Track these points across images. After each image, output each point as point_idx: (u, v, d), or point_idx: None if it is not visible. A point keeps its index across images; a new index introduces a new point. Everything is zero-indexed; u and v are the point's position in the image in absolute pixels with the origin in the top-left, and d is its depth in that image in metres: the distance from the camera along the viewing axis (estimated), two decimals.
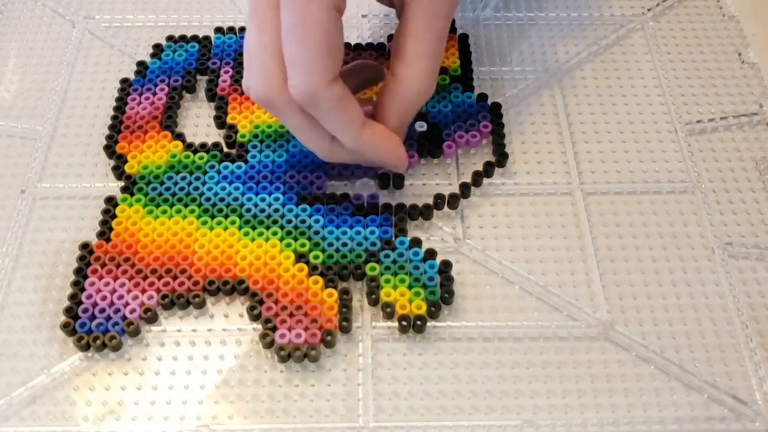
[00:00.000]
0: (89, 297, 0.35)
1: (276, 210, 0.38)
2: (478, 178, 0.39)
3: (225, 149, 0.40)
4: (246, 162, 0.39)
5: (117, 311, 0.35)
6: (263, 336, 0.34)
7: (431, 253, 0.36)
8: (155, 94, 0.42)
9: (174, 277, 0.36)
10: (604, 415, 0.33)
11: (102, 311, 0.35)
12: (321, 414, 0.33)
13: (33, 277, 0.36)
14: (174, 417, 0.32)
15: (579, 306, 0.36)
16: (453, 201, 0.38)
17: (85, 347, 0.34)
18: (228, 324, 0.35)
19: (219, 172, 0.39)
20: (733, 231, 0.38)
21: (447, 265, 0.36)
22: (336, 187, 0.39)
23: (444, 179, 0.40)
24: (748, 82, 0.44)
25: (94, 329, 0.34)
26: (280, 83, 0.33)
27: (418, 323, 0.34)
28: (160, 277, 0.35)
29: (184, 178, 0.39)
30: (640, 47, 0.45)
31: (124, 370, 0.34)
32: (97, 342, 0.34)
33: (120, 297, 0.35)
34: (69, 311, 0.34)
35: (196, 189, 0.39)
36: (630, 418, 0.33)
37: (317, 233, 0.37)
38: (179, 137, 0.41)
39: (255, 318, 0.35)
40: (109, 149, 0.40)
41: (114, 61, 0.45)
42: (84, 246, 0.37)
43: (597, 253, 0.37)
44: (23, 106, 0.43)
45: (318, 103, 0.33)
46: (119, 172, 0.39)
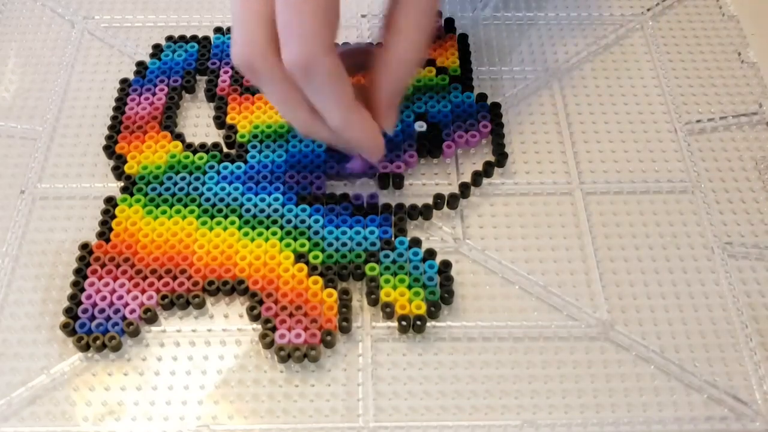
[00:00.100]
0: (89, 297, 0.35)
1: (276, 210, 0.38)
2: (477, 178, 0.39)
3: (224, 149, 0.40)
4: (245, 162, 0.39)
5: (117, 311, 0.35)
6: (263, 336, 0.34)
7: (431, 253, 0.36)
8: (155, 94, 0.42)
9: (174, 278, 0.35)
10: (604, 415, 0.33)
11: (102, 311, 0.34)
12: (321, 414, 0.33)
13: (33, 277, 0.36)
14: (174, 417, 0.32)
15: (579, 306, 0.36)
16: (453, 201, 0.38)
17: (85, 347, 0.34)
18: (228, 324, 0.35)
19: (218, 172, 0.39)
20: (733, 231, 0.38)
21: (447, 265, 0.36)
22: (336, 187, 0.39)
23: (444, 179, 0.40)
24: (747, 82, 0.44)
25: (93, 329, 0.34)
26: (264, 49, 0.32)
27: (417, 323, 0.34)
28: (159, 278, 0.35)
29: (183, 178, 0.39)
30: (639, 47, 0.45)
31: (123, 370, 0.34)
32: (97, 342, 0.34)
33: (120, 297, 0.35)
34: (69, 311, 0.34)
35: (195, 189, 0.39)
36: (630, 418, 0.33)
37: (317, 233, 0.37)
38: (179, 137, 0.41)
39: (255, 318, 0.35)
40: (109, 149, 0.40)
41: (113, 62, 0.45)
42: (84, 246, 0.37)
43: (597, 253, 0.37)
44: (23, 106, 0.43)
45: (313, 75, 0.32)
46: (119, 172, 0.39)
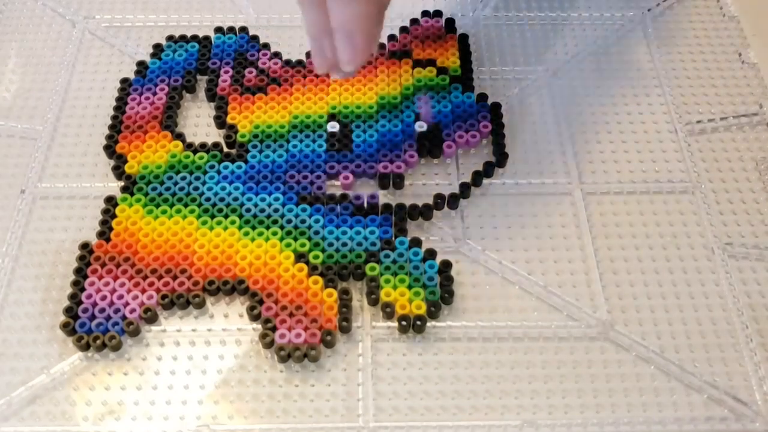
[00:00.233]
0: (89, 297, 0.35)
1: (276, 210, 0.38)
2: (478, 178, 0.39)
3: (225, 149, 0.40)
4: (246, 162, 0.39)
5: (117, 311, 0.35)
6: (263, 336, 0.34)
7: (431, 253, 0.36)
8: (155, 94, 0.42)
9: (174, 277, 0.36)
10: (604, 415, 0.33)
11: (102, 311, 0.35)
12: (321, 414, 0.33)
13: (33, 277, 0.36)
14: (174, 417, 0.32)
15: (579, 306, 0.36)
16: (453, 201, 0.38)
17: (85, 347, 0.34)
18: (228, 324, 0.35)
19: (219, 172, 0.39)
20: (733, 231, 0.38)
21: (447, 265, 0.36)
22: (336, 187, 0.39)
23: (444, 179, 0.40)
24: (748, 82, 0.44)
25: (94, 329, 0.34)
26: None
27: (417, 323, 0.34)
28: (160, 277, 0.35)
29: (184, 178, 0.39)
30: (639, 47, 0.45)
31: (123, 370, 0.34)
32: (97, 342, 0.34)
33: (120, 297, 0.35)
34: (69, 311, 0.34)
35: (196, 189, 0.39)
36: (630, 418, 0.33)
37: (317, 233, 0.37)
38: (179, 137, 0.41)
39: (255, 318, 0.35)
40: (109, 149, 0.40)
41: (114, 61, 0.45)
42: (84, 246, 0.37)
43: (597, 253, 0.37)
44: (23, 106, 0.43)
45: None
46: (119, 172, 0.39)
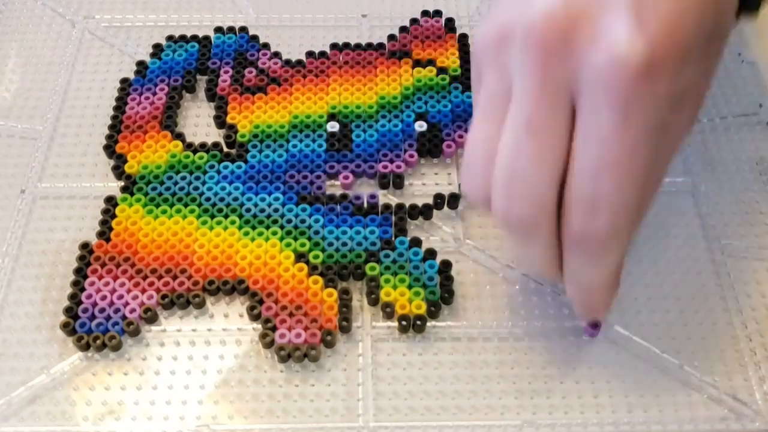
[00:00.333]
0: (89, 297, 0.35)
1: (276, 210, 0.38)
2: None
3: (225, 149, 0.40)
4: (246, 162, 0.39)
5: (117, 311, 0.35)
6: (263, 336, 0.34)
7: (431, 253, 0.36)
8: (155, 93, 0.42)
9: (174, 277, 0.36)
10: (604, 416, 0.33)
11: (102, 311, 0.35)
12: (321, 414, 0.33)
13: (33, 277, 0.36)
14: (174, 417, 0.32)
15: None
16: (453, 201, 0.38)
17: (85, 347, 0.34)
18: (228, 324, 0.35)
19: (219, 171, 0.39)
20: (733, 231, 0.38)
21: (447, 265, 0.36)
22: (336, 187, 0.39)
23: (444, 179, 0.40)
24: (747, 82, 0.44)
25: (94, 329, 0.34)
26: (553, 209, 0.28)
27: (418, 323, 0.34)
28: (160, 277, 0.35)
29: (184, 178, 0.39)
30: None
31: (124, 370, 0.34)
32: (97, 342, 0.34)
33: (120, 297, 0.35)
34: (69, 311, 0.34)
35: (196, 189, 0.39)
36: (630, 418, 0.33)
37: (317, 233, 0.37)
38: (179, 137, 0.41)
39: (255, 318, 0.35)
40: (109, 149, 0.40)
41: (114, 61, 0.45)
42: (84, 246, 0.37)
43: None
44: (23, 106, 0.43)
45: (606, 251, 0.28)
46: (119, 171, 0.39)
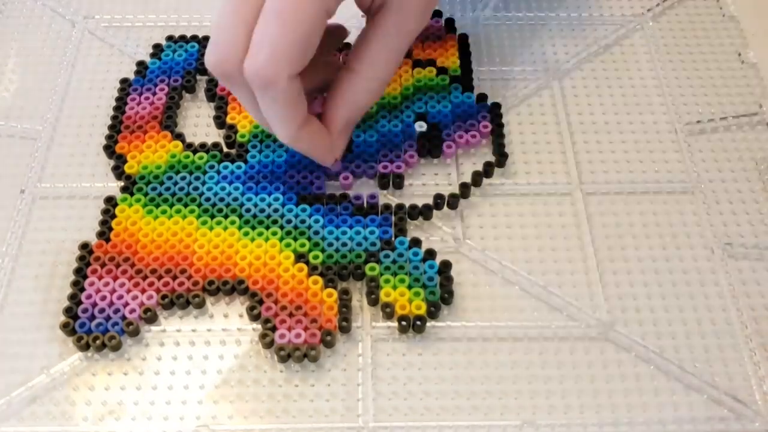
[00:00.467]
0: (89, 297, 0.35)
1: (276, 210, 0.38)
2: (477, 178, 0.39)
3: (225, 149, 0.40)
4: (246, 162, 0.39)
5: (116, 311, 0.35)
6: (263, 336, 0.34)
7: (431, 254, 0.36)
8: (155, 94, 0.42)
9: (174, 277, 0.35)
10: (603, 415, 0.33)
11: (102, 311, 0.35)
12: (320, 414, 0.33)
13: (33, 277, 0.36)
14: (173, 417, 0.32)
15: (579, 306, 0.36)
16: (453, 201, 0.38)
17: (85, 347, 0.34)
18: (227, 324, 0.35)
19: (219, 172, 0.39)
20: (733, 231, 0.38)
21: (447, 266, 0.36)
22: (336, 187, 0.39)
23: (444, 179, 0.40)
24: (747, 82, 0.44)
25: (93, 329, 0.34)
26: (243, 56, 0.32)
27: (417, 323, 0.34)
28: (159, 277, 0.35)
29: (183, 178, 0.39)
30: (640, 47, 0.45)
31: (123, 370, 0.34)
32: (97, 342, 0.34)
33: (119, 297, 0.35)
34: (68, 311, 0.34)
35: (195, 189, 0.39)
36: (630, 418, 0.33)
37: (317, 233, 0.37)
38: (179, 137, 0.41)
39: (254, 318, 0.35)
40: (109, 149, 0.40)
41: (114, 61, 0.45)
42: (84, 246, 0.37)
43: (597, 253, 0.37)
44: (23, 105, 0.43)
45: (269, 92, 0.32)
46: (119, 172, 0.39)
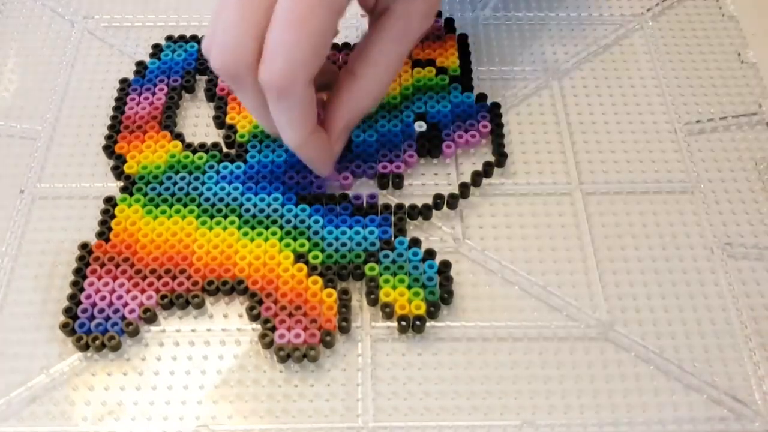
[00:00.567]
0: (88, 297, 0.35)
1: (275, 210, 0.38)
2: (477, 178, 0.39)
3: (224, 149, 0.40)
4: (245, 162, 0.39)
5: (116, 311, 0.35)
6: (262, 336, 0.34)
7: (430, 253, 0.36)
8: (154, 94, 0.42)
9: (173, 278, 0.35)
10: (603, 415, 0.33)
11: (101, 311, 0.34)
12: (320, 414, 0.33)
13: (32, 277, 0.36)
14: (173, 417, 0.32)
15: (578, 306, 0.36)
16: (452, 201, 0.38)
17: (84, 347, 0.34)
18: (227, 324, 0.35)
19: (218, 172, 0.39)
20: (733, 231, 0.38)
21: (446, 265, 0.36)
22: (335, 187, 0.39)
23: (443, 179, 0.40)
24: (747, 82, 0.44)
25: (93, 329, 0.34)
26: (253, 60, 0.32)
27: (417, 323, 0.34)
28: (159, 278, 0.35)
29: (183, 178, 0.39)
30: (639, 47, 0.45)
31: (123, 370, 0.34)
32: (96, 342, 0.34)
33: (119, 297, 0.35)
34: (68, 311, 0.34)
35: (195, 189, 0.39)
36: (629, 418, 0.33)
37: (316, 233, 0.37)
38: (178, 137, 0.41)
39: (254, 318, 0.35)
40: (109, 149, 0.40)
41: (113, 61, 0.45)
42: (83, 246, 0.37)
43: (597, 253, 0.37)
44: (23, 106, 0.43)
45: (285, 99, 0.32)
46: (118, 172, 0.39)
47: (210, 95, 0.42)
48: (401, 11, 0.35)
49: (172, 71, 0.43)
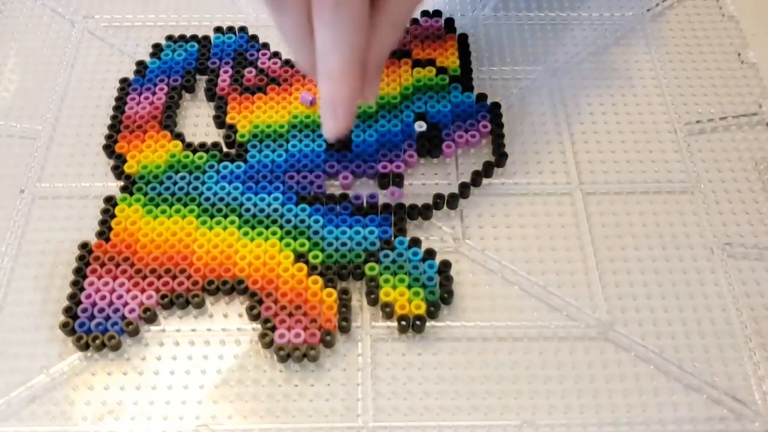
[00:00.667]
0: (88, 297, 0.35)
1: (275, 210, 0.38)
2: (477, 178, 0.39)
3: (224, 149, 0.40)
4: (245, 162, 0.39)
5: (116, 311, 0.35)
6: (262, 336, 0.34)
7: (430, 253, 0.36)
8: (155, 93, 0.42)
9: (173, 277, 0.35)
10: (603, 415, 0.33)
11: (101, 311, 0.34)
12: (320, 414, 0.33)
13: (32, 277, 0.36)
14: (173, 417, 0.32)
15: (578, 306, 0.36)
16: (452, 201, 0.38)
17: (84, 347, 0.34)
18: (227, 324, 0.35)
19: (218, 171, 0.39)
20: (733, 231, 0.38)
21: (446, 265, 0.36)
22: (336, 187, 0.39)
23: (443, 179, 0.40)
24: (747, 82, 0.44)
25: (93, 329, 0.34)
26: None
27: (417, 323, 0.34)
28: (159, 277, 0.35)
29: (183, 177, 0.39)
30: (639, 47, 0.45)
31: (123, 369, 0.34)
32: (97, 342, 0.34)
33: (119, 297, 0.35)
34: (68, 311, 0.34)
35: (195, 189, 0.39)
36: (629, 418, 0.33)
37: (317, 233, 0.37)
38: (179, 137, 0.41)
39: (254, 318, 0.35)
40: (109, 149, 0.40)
41: (113, 61, 0.45)
42: (83, 246, 0.37)
43: (597, 253, 0.37)
44: (23, 105, 0.43)
45: (340, 8, 0.29)
46: (119, 171, 0.39)
47: (210, 95, 0.42)
48: None
49: (172, 71, 0.43)
